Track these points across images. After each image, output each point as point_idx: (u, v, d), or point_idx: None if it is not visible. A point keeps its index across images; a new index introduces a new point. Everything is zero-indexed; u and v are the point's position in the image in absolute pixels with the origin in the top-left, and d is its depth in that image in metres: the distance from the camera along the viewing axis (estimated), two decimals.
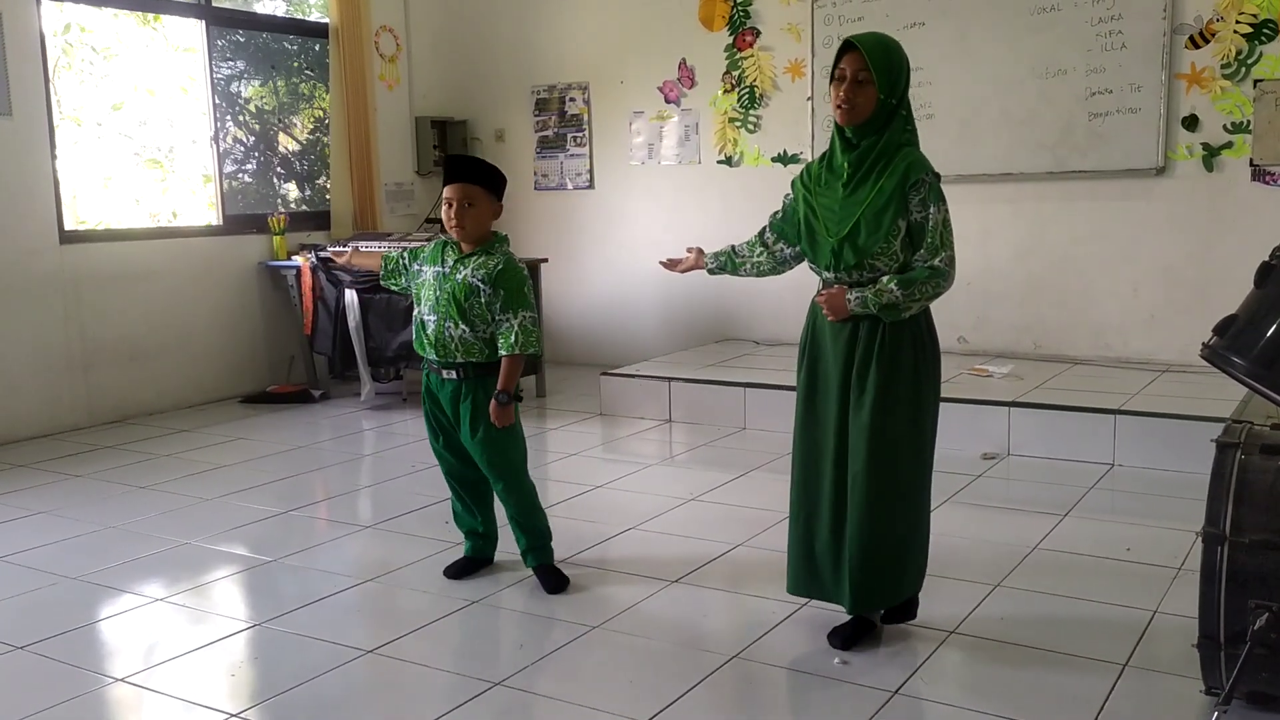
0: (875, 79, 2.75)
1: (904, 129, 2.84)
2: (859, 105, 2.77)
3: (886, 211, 2.77)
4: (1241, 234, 5.57)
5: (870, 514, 2.85)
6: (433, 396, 3.49)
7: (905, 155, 2.81)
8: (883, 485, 2.84)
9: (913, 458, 2.88)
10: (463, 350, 3.36)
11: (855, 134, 2.83)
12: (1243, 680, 2.41)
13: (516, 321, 3.34)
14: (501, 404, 3.34)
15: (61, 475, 4.99)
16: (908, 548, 2.94)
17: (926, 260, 2.78)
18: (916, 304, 2.79)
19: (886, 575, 2.91)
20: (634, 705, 2.66)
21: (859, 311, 2.81)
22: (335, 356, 6.50)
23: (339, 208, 7.14)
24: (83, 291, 5.95)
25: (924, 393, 2.87)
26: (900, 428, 2.83)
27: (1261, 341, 2.46)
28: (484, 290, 3.33)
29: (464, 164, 3.43)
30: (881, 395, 2.81)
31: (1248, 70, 5.57)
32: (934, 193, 2.79)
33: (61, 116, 6.08)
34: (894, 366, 2.82)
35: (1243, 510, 2.41)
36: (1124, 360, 5.96)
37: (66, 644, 3.12)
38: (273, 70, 7.22)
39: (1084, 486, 4.49)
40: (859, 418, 2.84)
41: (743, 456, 5.11)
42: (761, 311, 6.99)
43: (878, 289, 2.77)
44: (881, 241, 2.77)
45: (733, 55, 6.95)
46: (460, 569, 3.58)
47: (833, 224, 2.85)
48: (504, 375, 3.36)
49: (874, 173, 2.81)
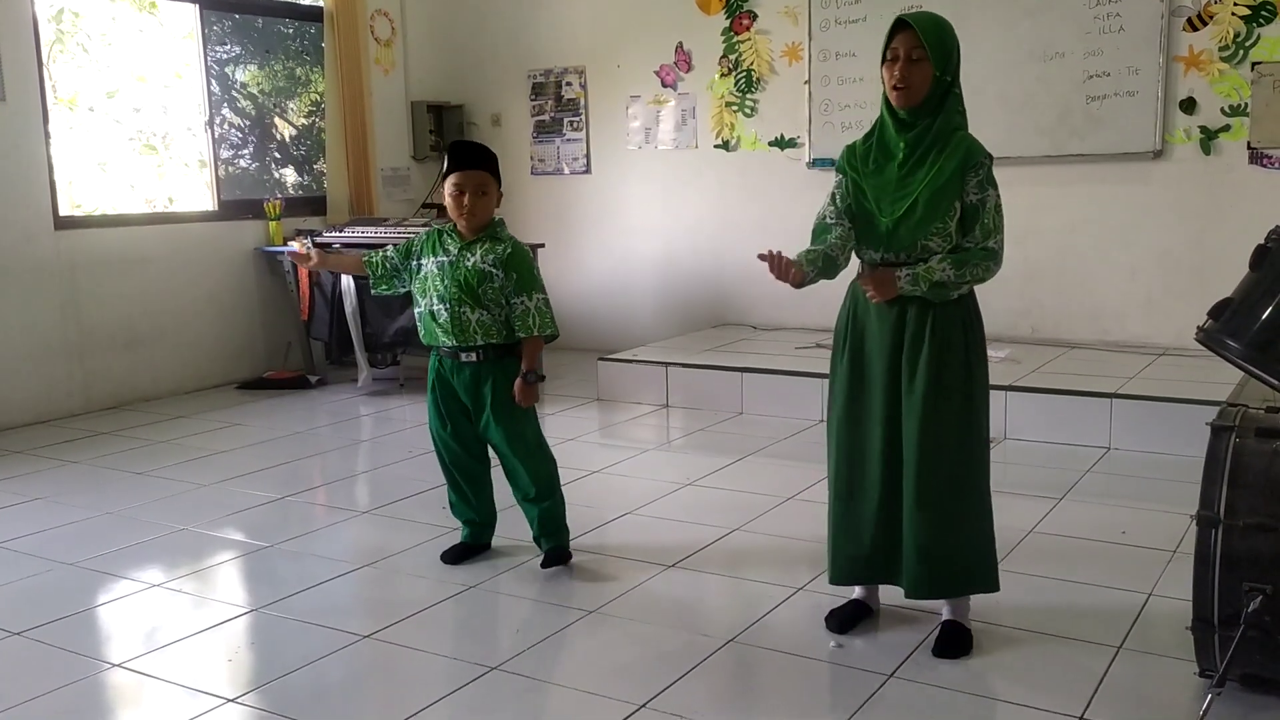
0: (930, 56, 2.69)
1: (957, 110, 2.79)
2: (915, 84, 2.71)
3: (945, 193, 2.72)
4: (1239, 217, 5.57)
5: (926, 501, 2.78)
6: (445, 383, 3.46)
7: (963, 138, 2.77)
8: (939, 468, 2.78)
9: (968, 439, 2.80)
10: (482, 332, 3.34)
11: (910, 115, 2.76)
12: (1237, 663, 2.42)
13: (531, 304, 3.35)
14: (529, 383, 3.36)
15: (58, 461, 4.99)
16: (972, 533, 2.84)
17: (980, 242, 2.74)
18: (965, 285, 2.75)
19: (953, 562, 2.82)
20: (631, 689, 2.67)
21: (908, 291, 2.74)
22: (332, 342, 6.50)
23: (335, 193, 7.12)
24: (78, 277, 5.94)
25: (975, 373, 2.81)
26: (954, 409, 2.77)
27: (1256, 325, 2.46)
28: (496, 275, 3.32)
29: (473, 151, 3.38)
30: (935, 377, 2.75)
31: (1245, 53, 5.55)
32: (990, 176, 2.76)
33: (56, 102, 6.06)
34: (946, 348, 2.76)
35: (1237, 493, 2.41)
36: (1121, 344, 5.96)
37: (64, 629, 3.13)
38: (268, 55, 7.19)
39: (1080, 470, 4.49)
40: (912, 401, 2.78)
41: (740, 441, 5.11)
42: (759, 296, 6.98)
43: (928, 268, 2.72)
44: (938, 222, 2.73)
45: (730, 39, 6.92)
46: (457, 554, 3.59)
47: (887, 205, 2.78)
48: (528, 356, 3.37)
49: (931, 154, 2.75)
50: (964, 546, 2.84)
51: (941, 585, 2.87)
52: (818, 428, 5.29)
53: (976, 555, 2.88)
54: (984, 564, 2.90)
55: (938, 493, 2.79)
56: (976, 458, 2.85)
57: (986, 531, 2.90)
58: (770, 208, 6.86)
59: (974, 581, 2.89)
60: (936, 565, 2.82)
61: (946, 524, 2.81)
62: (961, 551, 2.84)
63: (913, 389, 2.78)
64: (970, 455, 2.83)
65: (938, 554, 2.81)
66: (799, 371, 5.57)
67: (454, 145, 3.44)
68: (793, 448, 4.99)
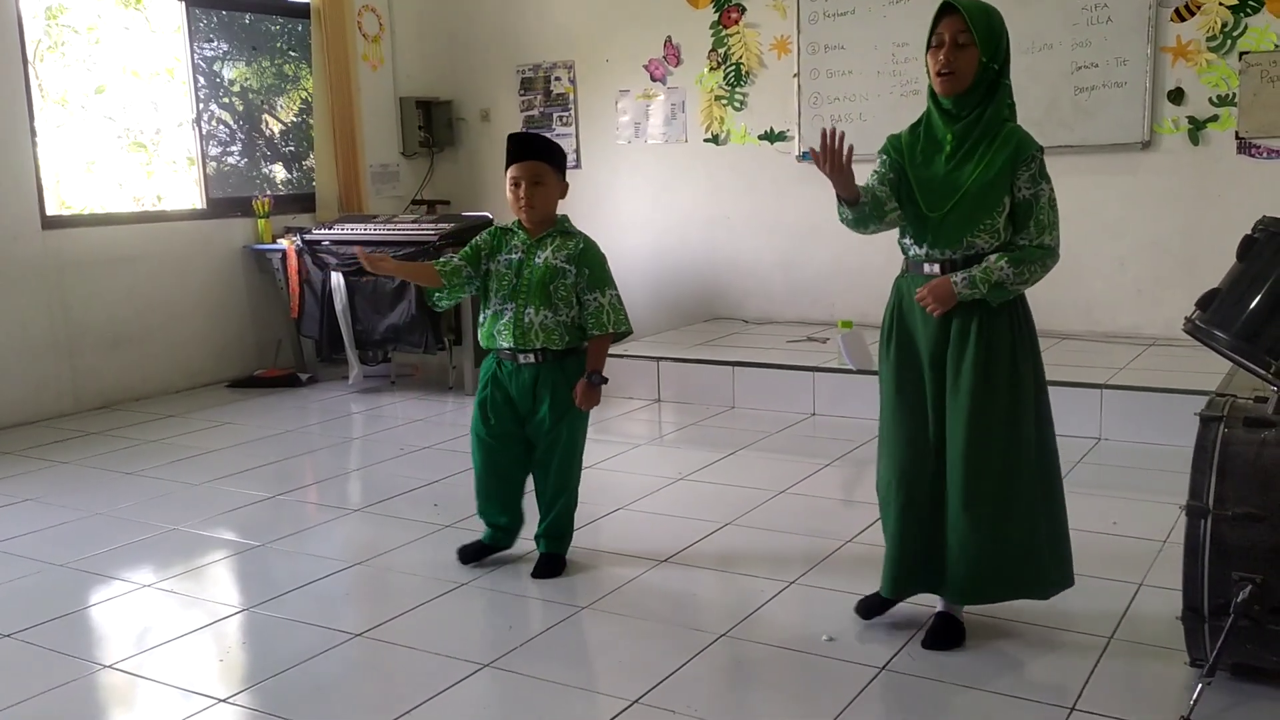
0: (977, 41, 2.60)
1: (1006, 102, 2.71)
2: (961, 70, 2.62)
3: (994, 188, 2.65)
4: (1228, 207, 5.58)
5: (970, 500, 2.70)
6: (500, 387, 3.36)
7: (1013, 130, 2.69)
8: (985, 471, 2.69)
9: (1015, 442, 2.70)
10: (542, 336, 3.27)
11: (956, 105, 2.68)
12: (1226, 652, 2.43)
13: (606, 300, 3.30)
14: (594, 385, 3.30)
15: (47, 462, 4.98)
16: (1007, 540, 2.73)
17: (1034, 238, 2.66)
18: (1024, 284, 2.66)
19: (990, 565, 2.73)
20: (624, 684, 2.67)
21: (966, 295, 2.64)
22: (322, 340, 6.48)
23: (324, 190, 7.10)
24: (66, 277, 5.92)
25: (1023, 373, 2.72)
26: (1001, 410, 2.68)
27: (1243, 315, 2.48)
28: (569, 271, 3.27)
29: (530, 141, 3.31)
30: (981, 377, 2.67)
31: (1233, 43, 5.56)
32: (1043, 169, 2.69)
33: (43, 100, 6.03)
34: (990, 354, 2.68)
35: (1226, 483, 2.42)
36: (1111, 335, 5.97)
37: (55, 631, 3.12)
38: (254, 51, 7.17)
39: (1070, 461, 4.48)
40: (956, 405, 2.70)
41: (732, 435, 5.12)
42: (750, 290, 6.98)
43: (986, 268, 2.64)
44: (986, 218, 2.66)
45: (718, 32, 6.92)
46: (475, 553, 3.51)
47: (935, 198, 2.70)
48: (595, 355, 3.31)
49: (980, 147, 2.67)
50: (1009, 551, 2.74)
51: (984, 590, 2.79)
52: (810, 421, 5.30)
53: (1028, 559, 2.77)
54: (1036, 568, 2.78)
55: (983, 496, 2.70)
56: (1027, 460, 2.74)
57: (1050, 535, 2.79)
58: (761, 201, 6.86)
59: (1021, 588, 2.80)
60: (980, 570, 2.74)
61: (992, 528, 2.71)
62: (1009, 556, 2.75)
63: (958, 389, 2.71)
64: (1019, 458, 2.72)
65: (982, 558, 2.73)
66: (791, 365, 5.57)
67: (510, 138, 3.33)
68: (785, 442, 4.99)
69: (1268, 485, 2.38)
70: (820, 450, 4.74)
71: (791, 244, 6.81)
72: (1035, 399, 2.77)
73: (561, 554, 3.48)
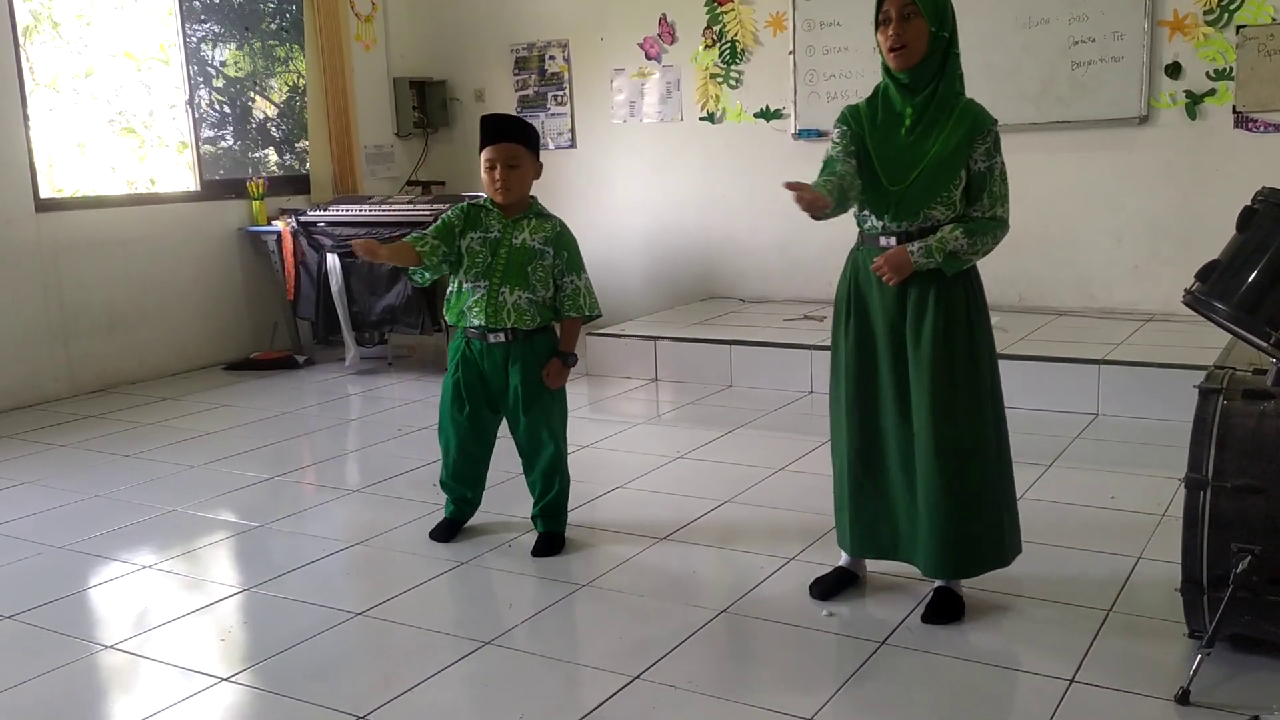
0: (924, 12, 2.65)
1: (958, 74, 2.75)
2: (912, 43, 2.66)
3: (953, 160, 2.70)
4: (1225, 182, 5.57)
5: (938, 472, 2.74)
6: (470, 366, 3.39)
7: (969, 104, 2.74)
8: (946, 441, 2.73)
9: (974, 407, 2.76)
10: (514, 315, 3.29)
11: (911, 78, 2.72)
12: (1225, 623, 2.44)
13: (582, 283, 3.35)
14: (567, 365, 3.36)
15: (45, 445, 4.97)
16: (981, 509, 2.78)
17: (988, 210, 2.73)
18: (977, 254, 2.73)
19: (965, 537, 2.77)
20: (625, 661, 2.68)
21: (922, 264, 2.70)
22: (318, 322, 6.47)
23: (318, 172, 7.07)
24: (61, 260, 5.89)
25: (979, 340, 2.78)
26: (958, 382, 2.74)
27: (1243, 287, 2.47)
28: (547, 254, 3.31)
29: (504, 123, 3.32)
30: (938, 350, 2.72)
31: (1230, 16, 5.54)
32: (997, 143, 2.74)
33: (35, 84, 5.99)
34: (949, 321, 2.74)
35: (1225, 455, 2.43)
36: (1108, 311, 5.97)
37: (56, 612, 3.12)
38: (247, 32, 7.12)
39: (1068, 436, 4.51)
40: (918, 373, 2.75)
41: (729, 414, 5.12)
42: (747, 269, 6.97)
43: (941, 238, 2.69)
44: (945, 190, 2.71)
45: (713, 10, 6.88)
46: (446, 530, 3.58)
47: (896, 172, 2.74)
48: (568, 336, 3.38)
49: (938, 121, 2.72)
50: (983, 520, 2.79)
51: (959, 564, 2.82)
52: (807, 399, 5.30)
53: (995, 532, 2.82)
54: (1002, 540, 2.84)
55: (951, 466, 2.74)
56: (990, 426, 2.79)
57: (1006, 504, 2.85)
58: (757, 180, 6.84)
59: (989, 561, 2.84)
60: (954, 544, 2.77)
61: (963, 499, 2.75)
62: (981, 528, 2.79)
63: (919, 359, 2.75)
64: (983, 424, 2.78)
65: (955, 532, 2.76)
66: (788, 344, 5.57)
67: (483, 120, 3.35)
68: (782, 419, 5.00)
69: (1267, 457, 2.39)
70: (817, 428, 4.71)
71: (788, 223, 6.75)
72: (990, 367, 2.83)
73: (560, 531, 3.50)
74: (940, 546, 2.78)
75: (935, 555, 2.80)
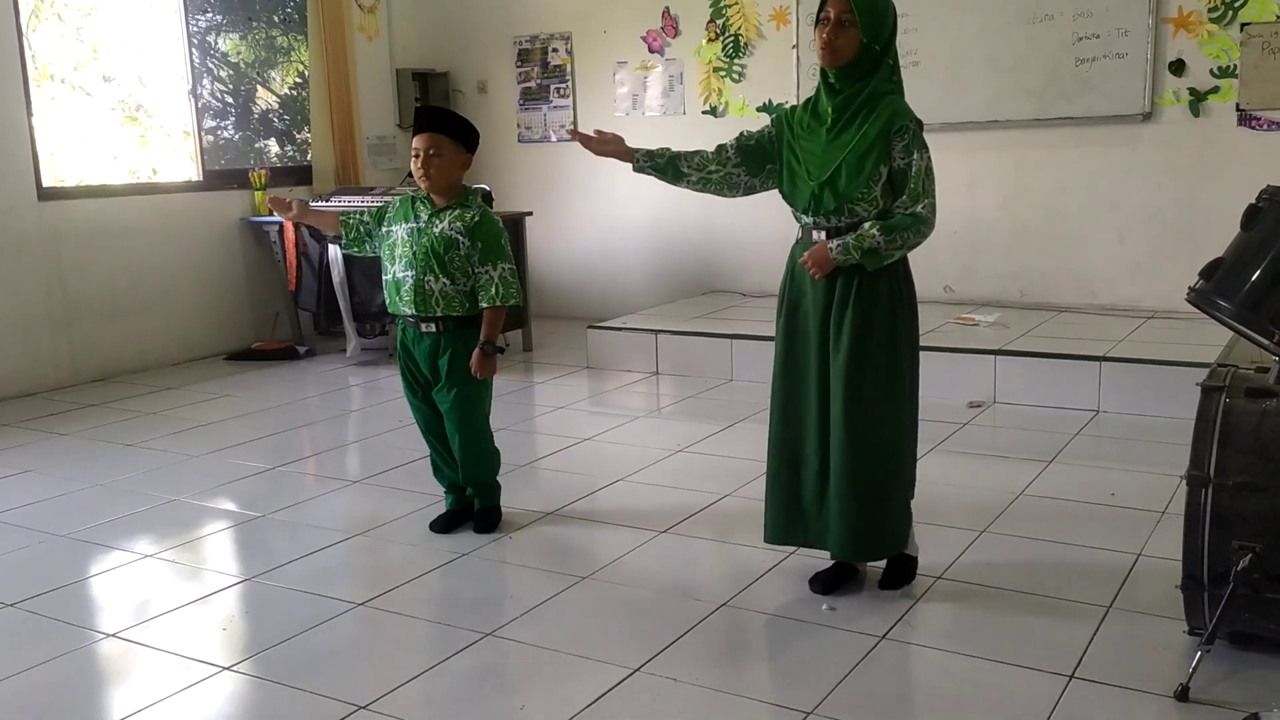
0: (859, 22, 2.73)
1: (889, 78, 2.83)
2: (840, 48, 2.76)
3: (869, 157, 2.76)
4: (1228, 179, 5.56)
5: (849, 459, 2.84)
6: (408, 352, 3.49)
7: (890, 103, 2.80)
8: (859, 430, 2.83)
9: (888, 405, 2.86)
10: (444, 303, 3.35)
11: (839, 79, 2.82)
12: (1226, 620, 2.44)
13: (496, 273, 3.36)
14: (487, 355, 3.37)
15: (46, 434, 4.97)
16: (889, 498, 2.91)
17: (909, 207, 2.78)
18: (898, 250, 2.79)
19: (871, 522, 2.89)
20: (624, 654, 2.68)
21: (841, 260, 2.79)
22: (320, 312, 6.47)
23: (320, 162, 7.06)
24: (63, 249, 5.89)
25: (899, 340, 2.87)
26: (876, 374, 2.83)
27: (1247, 285, 2.47)
28: (462, 243, 3.34)
29: (431, 114, 3.44)
30: (857, 341, 2.81)
31: (1234, 14, 5.53)
32: (916, 140, 2.79)
33: (38, 73, 5.98)
34: (870, 313, 2.81)
35: (1227, 453, 2.43)
36: (1110, 307, 5.97)
37: (57, 600, 3.12)
38: (250, 23, 7.11)
39: (1069, 433, 4.51)
40: (837, 363, 2.85)
41: (729, 408, 5.12)
42: (748, 263, 6.97)
43: (859, 234, 2.76)
44: (862, 187, 2.77)
45: (717, 3, 6.86)
46: (446, 523, 3.59)
47: (814, 168, 2.84)
48: (487, 326, 3.38)
49: (858, 119, 2.80)
50: (890, 509, 2.92)
51: (865, 548, 2.94)
52: None
53: (898, 520, 2.96)
54: (902, 527, 2.98)
55: (862, 455, 2.84)
56: (902, 421, 2.91)
57: (902, 498, 2.98)
58: None
59: (891, 545, 2.97)
60: (861, 528, 2.88)
61: (871, 487, 2.86)
62: (887, 514, 2.91)
63: (839, 349, 2.84)
64: (896, 419, 2.89)
65: (862, 516, 2.88)
66: None
67: (417, 110, 3.50)
68: None
69: (1269, 455, 2.39)
70: None
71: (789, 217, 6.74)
72: (910, 362, 2.92)
73: (493, 504, 3.57)
74: (848, 529, 2.89)
75: (843, 537, 2.90)
